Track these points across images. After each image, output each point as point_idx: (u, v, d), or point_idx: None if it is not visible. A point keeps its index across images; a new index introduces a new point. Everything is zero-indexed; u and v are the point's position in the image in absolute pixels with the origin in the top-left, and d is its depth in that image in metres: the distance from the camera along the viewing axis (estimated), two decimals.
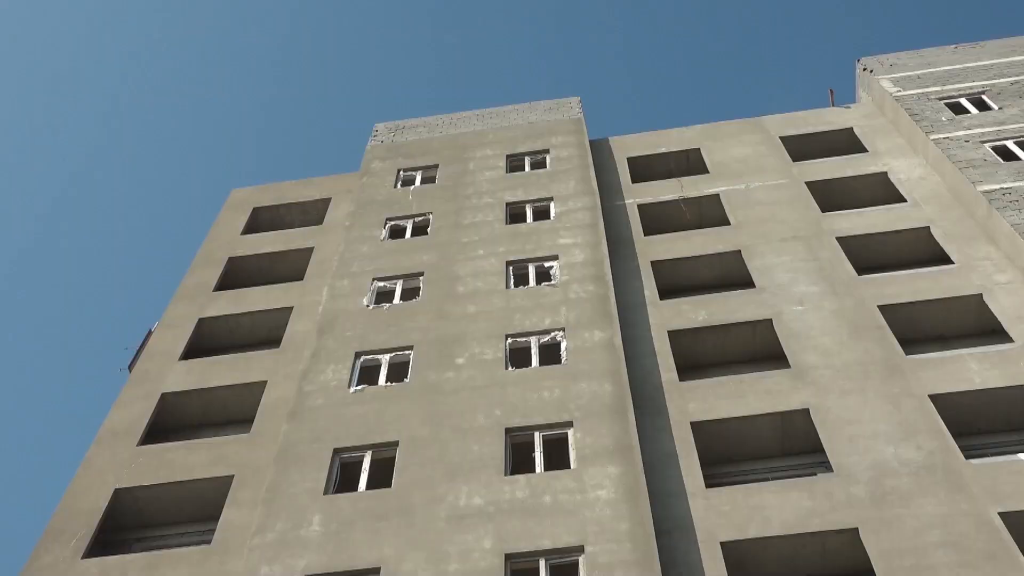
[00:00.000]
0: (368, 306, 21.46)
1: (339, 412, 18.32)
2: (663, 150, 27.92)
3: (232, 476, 17.89)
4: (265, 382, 20.39)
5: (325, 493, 16.55)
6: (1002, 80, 26.83)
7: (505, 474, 16.34)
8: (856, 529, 15.04)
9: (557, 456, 16.99)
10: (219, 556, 16.20)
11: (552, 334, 19.68)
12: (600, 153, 28.24)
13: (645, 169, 27.71)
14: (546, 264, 22.14)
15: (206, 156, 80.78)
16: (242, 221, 27.28)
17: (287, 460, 17.35)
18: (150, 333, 23.32)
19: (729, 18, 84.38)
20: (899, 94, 27.15)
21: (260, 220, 27.90)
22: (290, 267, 25.31)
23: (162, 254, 73.71)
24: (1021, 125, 24.36)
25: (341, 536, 15.60)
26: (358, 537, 15.52)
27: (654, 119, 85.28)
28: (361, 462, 17.39)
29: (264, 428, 18.97)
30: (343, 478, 17.34)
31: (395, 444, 17.39)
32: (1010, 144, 23.79)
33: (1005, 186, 21.84)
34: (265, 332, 23.05)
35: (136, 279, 73.60)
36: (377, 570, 14.92)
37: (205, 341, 22.97)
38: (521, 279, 22.04)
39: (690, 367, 20.00)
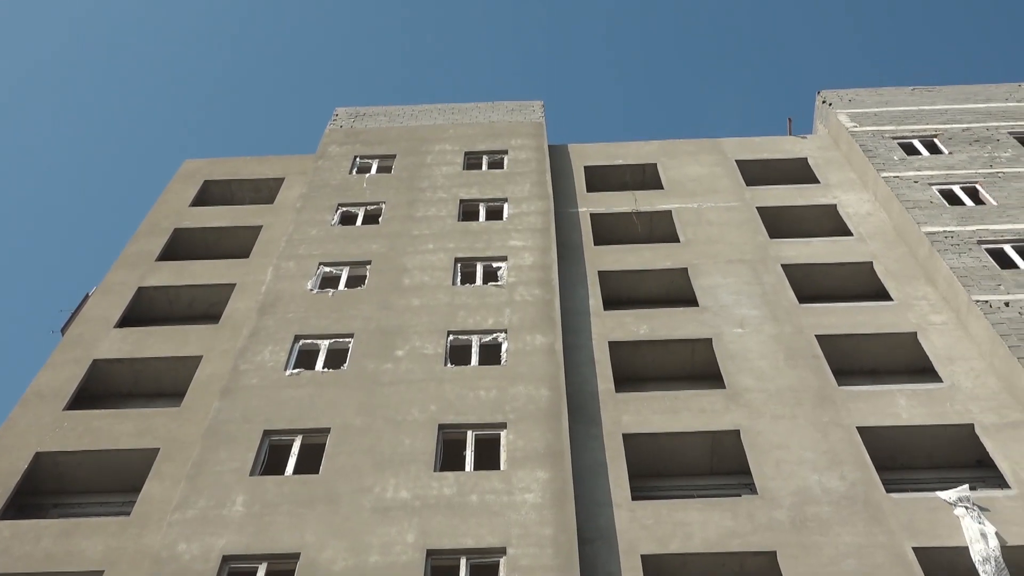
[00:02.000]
0: (312, 290, 21.31)
1: (273, 394, 18.16)
2: (620, 162, 28.09)
3: (158, 449, 17.65)
4: (200, 357, 20.14)
5: (251, 474, 16.39)
6: (954, 126, 27.43)
7: (434, 470, 16.33)
8: (775, 552, 15.27)
9: (488, 456, 17.01)
10: (137, 529, 15.98)
11: (494, 335, 19.70)
12: (558, 159, 28.33)
13: (601, 179, 27.86)
14: (494, 264, 22.17)
15: (163, 125, 79.61)
16: (192, 193, 26.92)
17: (215, 438, 17.16)
18: (87, 297, 22.93)
19: (700, 39, 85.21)
20: (855, 129, 27.62)
21: (210, 193, 27.55)
22: (236, 243, 25.03)
23: (106, 220, 72.50)
24: (968, 171, 24.93)
25: (264, 519, 15.46)
26: (281, 521, 15.40)
27: (615, 131, 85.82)
28: (291, 446, 17.25)
29: (195, 404, 18.74)
30: (271, 461, 17.19)
31: (327, 431, 17.29)
32: (956, 189, 24.34)
33: (948, 229, 22.32)
34: (205, 307, 22.77)
35: (78, 243, 72.30)
36: (297, 555, 14.81)
37: (143, 310, 22.64)
38: (468, 277, 22.03)
39: (627, 379, 20.15)
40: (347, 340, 19.74)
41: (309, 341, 19.76)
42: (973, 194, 24.27)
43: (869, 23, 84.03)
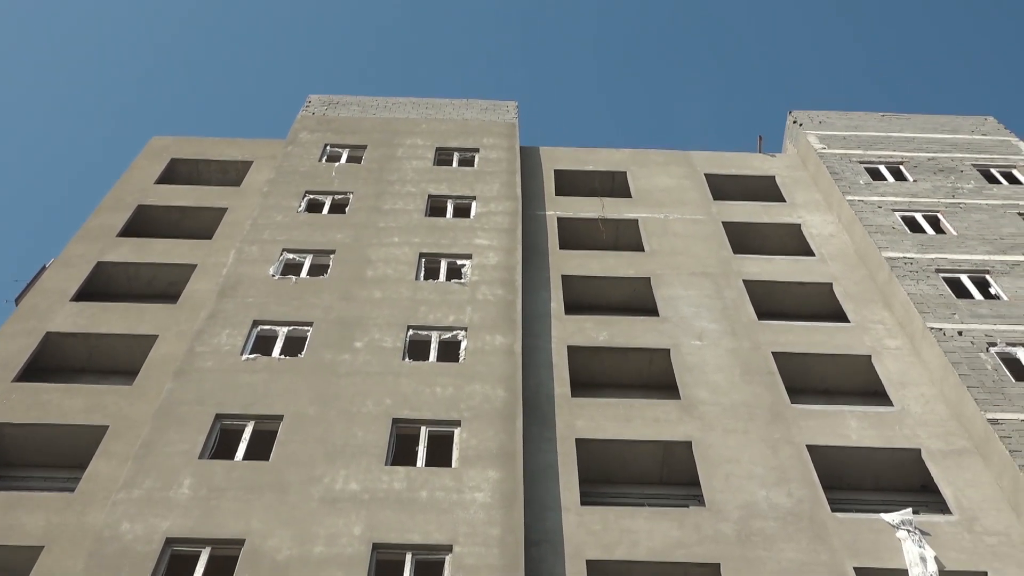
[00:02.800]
0: (274, 276, 21.17)
1: (228, 378, 18.03)
2: (591, 168, 28.18)
3: (107, 427, 17.44)
4: (156, 336, 19.93)
5: (200, 457, 16.26)
6: (920, 154, 27.82)
7: (386, 463, 16.28)
8: (718, 565, 15.40)
9: (440, 453, 17.00)
10: (80, 506, 15.79)
11: (454, 332, 19.69)
12: (529, 160, 28.37)
13: (570, 184, 27.93)
14: (459, 262, 22.14)
15: (134, 100, 78.70)
16: (158, 170, 26.65)
17: (166, 418, 16.99)
18: (44, 269, 22.60)
19: (679, 51, 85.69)
20: (823, 151, 27.92)
21: (177, 172, 27.29)
22: (200, 224, 24.81)
23: (69, 192, 71.53)
24: (931, 200, 25.29)
25: (210, 503, 15.34)
26: (227, 506, 15.28)
27: (586, 136, 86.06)
28: (242, 431, 17.13)
29: (148, 383, 18.55)
30: (221, 445, 17.06)
31: (279, 418, 17.18)
32: (919, 216, 24.68)
33: (908, 256, 22.64)
34: (164, 286, 22.55)
35: (39, 214, 71.27)
36: (241, 542, 14.71)
37: (100, 285, 22.36)
38: (432, 273, 21.99)
39: (584, 384, 20.22)
40: (306, 328, 19.64)
41: (267, 327, 19.63)
42: (934, 223, 24.62)
43: (846, 47, 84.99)
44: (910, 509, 16.58)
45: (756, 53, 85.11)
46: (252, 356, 18.65)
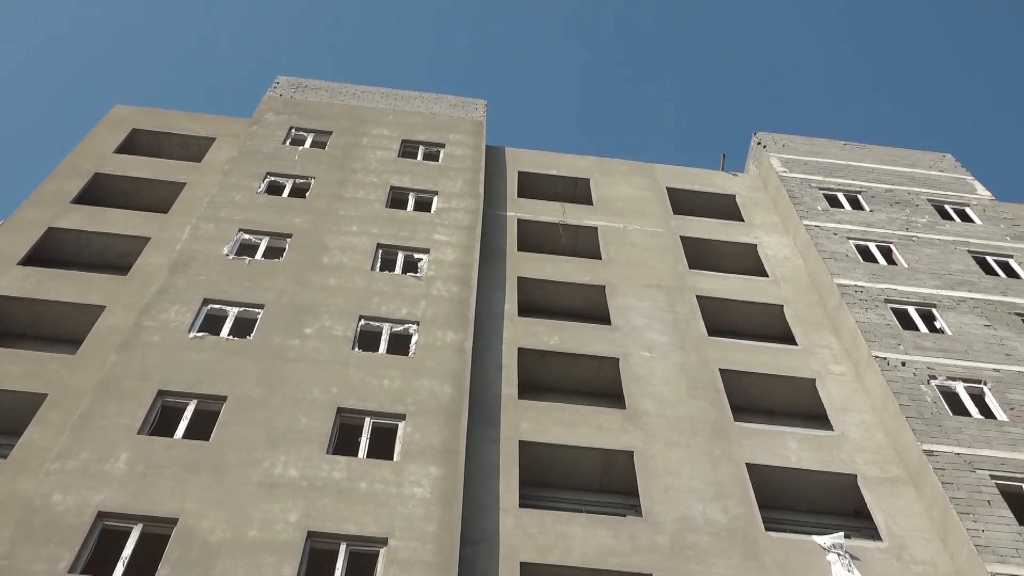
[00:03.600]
0: (228, 255, 20.96)
1: (173, 354, 17.82)
2: (554, 172, 28.26)
3: (46, 395, 17.16)
4: (103, 307, 19.65)
5: (139, 432, 16.05)
6: (878, 185, 28.26)
7: (327, 452, 16.20)
8: (650, 575, 15.50)
9: (383, 446, 16.96)
10: (12, 473, 15.52)
11: (406, 325, 19.64)
12: (494, 160, 28.38)
13: (533, 186, 27.99)
14: (416, 256, 22.09)
15: (99, 68, 77.46)
16: (118, 139, 26.27)
17: (107, 391, 16.76)
18: None
19: (653, 62, 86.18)
20: (784, 174, 28.26)
21: (137, 143, 26.92)
22: (157, 197, 24.50)
23: (25, 157, 70.22)
24: (886, 231, 25.70)
25: (146, 479, 15.16)
26: (163, 484, 15.11)
27: (553, 139, 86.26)
28: (184, 409, 16.95)
29: (91, 354, 18.29)
30: (162, 422, 16.87)
31: (223, 399, 17.02)
32: (872, 246, 25.06)
33: (859, 284, 22.98)
34: (115, 256, 22.24)
35: None
36: (175, 521, 14.55)
37: (50, 252, 21.98)
38: (388, 264, 21.92)
39: (531, 387, 20.27)
40: (257, 311, 19.47)
41: (218, 306, 19.44)
42: (887, 253, 25.02)
43: (818, 74, 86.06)
44: (842, 533, 16.84)
45: (729, 71, 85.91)
46: (200, 334, 18.46)
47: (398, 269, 21.62)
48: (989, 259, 25.11)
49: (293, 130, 27.15)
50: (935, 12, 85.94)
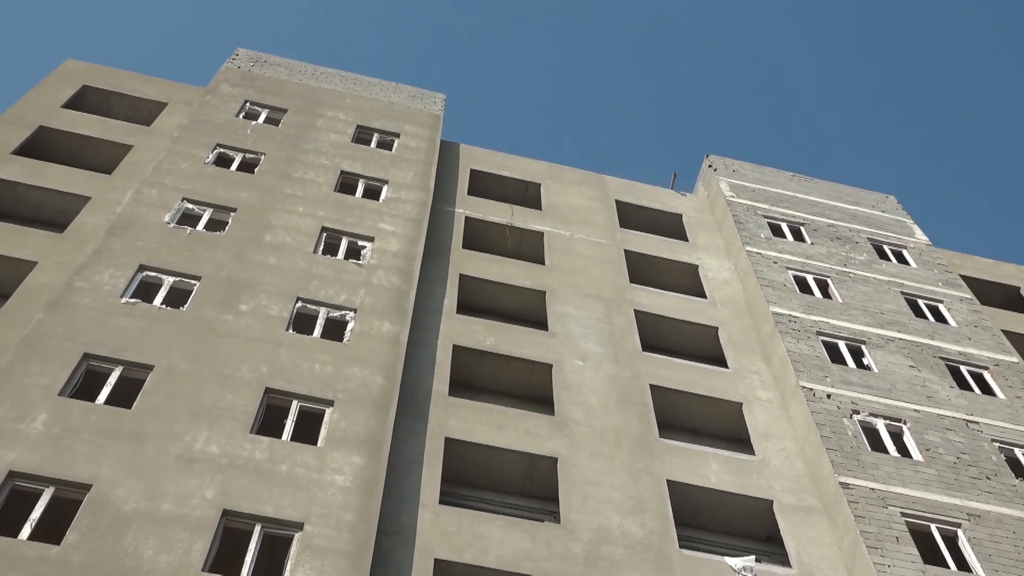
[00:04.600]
0: (169, 223, 20.63)
1: (102, 318, 17.49)
2: (507, 174, 28.29)
3: None
4: (35, 264, 19.23)
5: (60, 394, 15.73)
6: (821, 219, 28.77)
7: (250, 431, 16.02)
8: None
9: (308, 430, 16.82)
10: None
11: (343, 312, 19.51)
12: (447, 155, 28.33)
13: (484, 186, 27.99)
14: (360, 243, 21.96)
15: (53, 22, 75.72)
16: (67, 94, 25.71)
17: (31, 349, 16.39)
18: None
19: (615, 73, 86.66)
20: (732, 199, 28.63)
21: (86, 100, 26.38)
22: (101, 157, 24.03)
23: None
24: (824, 265, 26.17)
25: (62, 442, 14.85)
26: (80, 448, 14.82)
27: (508, 141, 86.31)
28: (108, 375, 16.64)
29: (18, 309, 17.87)
30: (84, 385, 16.54)
31: (150, 368, 16.75)
32: (810, 278, 25.50)
33: (793, 314, 23.36)
34: (52, 213, 21.76)
35: None
36: (88, 487, 14.28)
37: None
38: (331, 249, 21.76)
39: (463, 385, 20.27)
40: (193, 282, 19.20)
41: (153, 274, 19.12)
42: (823, 287, 25.47)
43: (779, 104, 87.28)
44: (753, 557, 17.10)
45: (689, 91, 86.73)
46: (132, 301, 18.14)
47: (341, 254, 21.47)
48: (920, 302, 25.70)
49: (248, 104, 26.81)
50: (898, 56, 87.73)
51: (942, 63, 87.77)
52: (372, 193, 24.47)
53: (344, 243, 21.82)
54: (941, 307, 25.67)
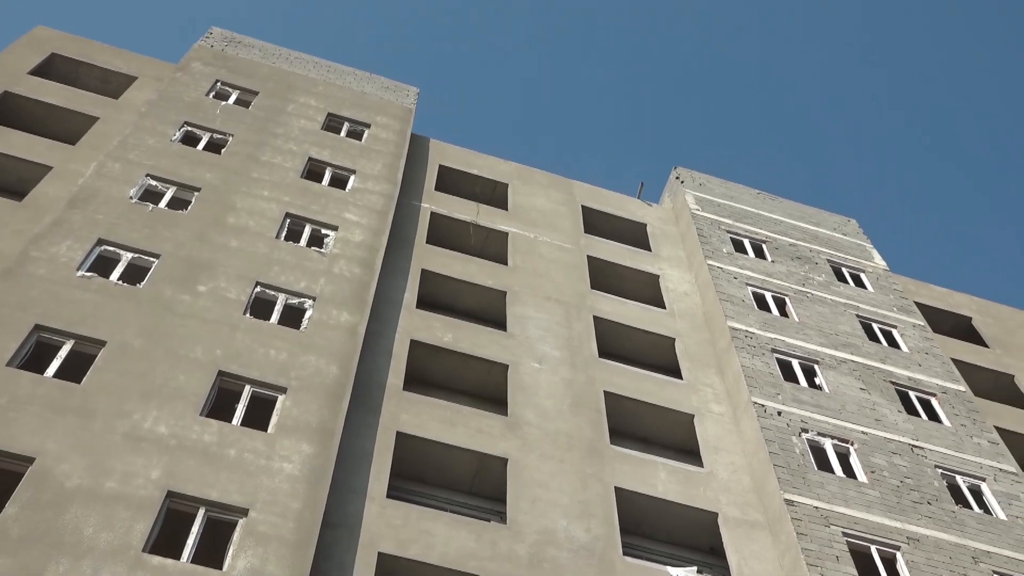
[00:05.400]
0: (132, 199, 20.37)
1: (57, 290, 17.24)
2: (475, 172, 28.27)
3: None
4: None
5: (8, 364, 15.47)
6: (783, 238, 29.07)
7: (200, 414, 15.87)
8: None
9: (259, 416, 16.70)
10: None
11: (302, 299, 19.39)
12: (417, 149, 28.26)
13: (452, 182, 27.96)
14: (324, 231, 21.84)
15: None
16: (35, 61, 25.32)
17: None
18: None
19: (588, 77, 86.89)
20: (697, 212, 28.84)
21: (54, 68, 25.99)
22: (66, 127, 23.70)
23: None
24: (783, 283, 26.44)
25: (7, 414, 14.61)
26: (25, 420, 14.60)
27: (477, 138, 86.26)
28: (60, 348, 16.41)
29: None
30: (34, 357, 16.30)
31: (102, 343, 16.54)
32: (768, 296, 25.75)
33: (750, 330, 23.58)
34: (12, 181, 21.43)
35: None
36: (31, 460, 14.06)
37: None
38: (294, 235, 21.62)
39: (418, 380, 20.24)
40: (152, 259, 18.98)
41: (112, 249, 18.88)
42: (781, 305, 25.73)
43: (754, 120, 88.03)
44: (695, 568, 17.23)
45: (662, 99, 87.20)
46: (88, 274, 17.90)
47: (303, 241, 21.34)
48: (875, 326, 26.05)
49: (219, 83, 26.57)
50: (872, 84, 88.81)
51: (916, 89, 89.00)
52: (339, 182, 24.35)
53: (307, 230, 21.68)
54: (895, 332, 26.04)
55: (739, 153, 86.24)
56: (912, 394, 23.54)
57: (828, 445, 20.62)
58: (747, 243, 28.23)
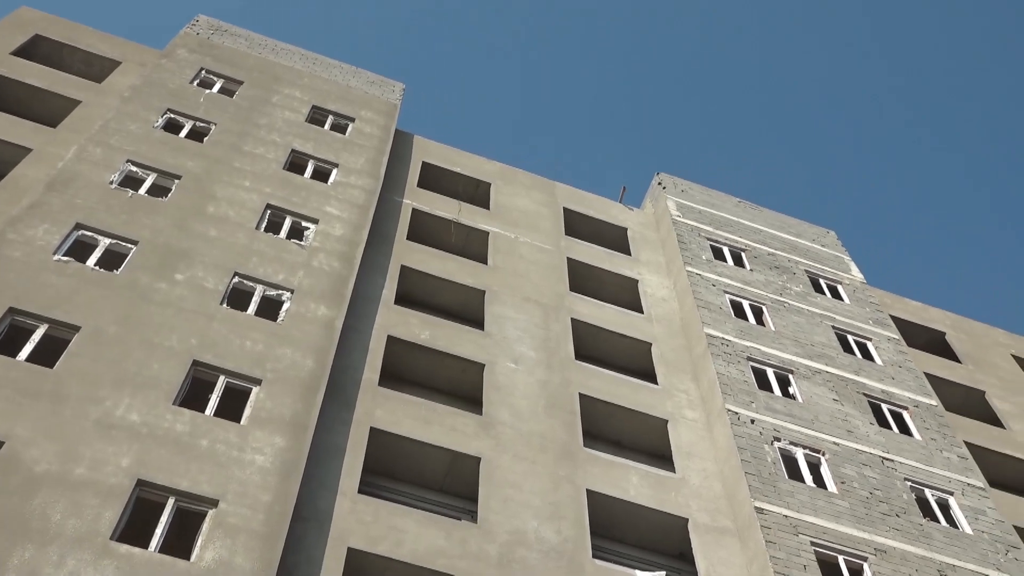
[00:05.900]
0: (111, 184, 20.24)
1: (32, 273, 17.11)
2: (458, 170, 28.25)
3: None
4: None
5: None
6: (762, 248, 29.22)
7: (173, 403, 15.79)
8: None
9: (233, 407, 16.63)
10: None
11: (280, 291, 19.32)
12: (400, 145, 28.21)
13: (435, 179, 27.93)
14: (304, 224, 21.76)
15: None
16: (18, 41, 25.10)
17: None
18: None
19: (576, 81, 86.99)
20: (677, 219, 28.94)
21: (38, 49, 25.77)
22: (48, 110, 23.51)
23: None
24: (761, 292, 26.58)
25: None
26: None
27: (461, 137, 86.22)
28: (33, 332, 16.28)
29: None
30: (7, 340, 16.17)
31: (76, 328, 16.42)
32: (745, 304, 25.88)
33: (727, 337, 23.68)
34: None
35: None
36: (0, 444, 13.95)
37: None
38: (274, 227, 21.53)
39: (393, 377, 20.20)
40: (130, 246, 18.86)
41: (90, 233, 18.75)
42: (758, 314, 25.86)
43: (739, 128, 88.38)
44: (663, 572, 17.29)
45: (647, 104, 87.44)
46: (65, 258, 17.77)
47: (283, 233, 21.26)
48: (850, 338, 26.23)
49: (204, 71, 26.42)
50: (859, 98, 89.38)
51: (909, 100, 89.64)
52: (321, 175, 24.27)
53: (288, 222, 21.60)
54: (869, 344, 26.22)
55: (722, 162, 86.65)
56: (884, 407, 23.71)
57: (800, 454, 20.74)
58: (726, 251, 28.35)
